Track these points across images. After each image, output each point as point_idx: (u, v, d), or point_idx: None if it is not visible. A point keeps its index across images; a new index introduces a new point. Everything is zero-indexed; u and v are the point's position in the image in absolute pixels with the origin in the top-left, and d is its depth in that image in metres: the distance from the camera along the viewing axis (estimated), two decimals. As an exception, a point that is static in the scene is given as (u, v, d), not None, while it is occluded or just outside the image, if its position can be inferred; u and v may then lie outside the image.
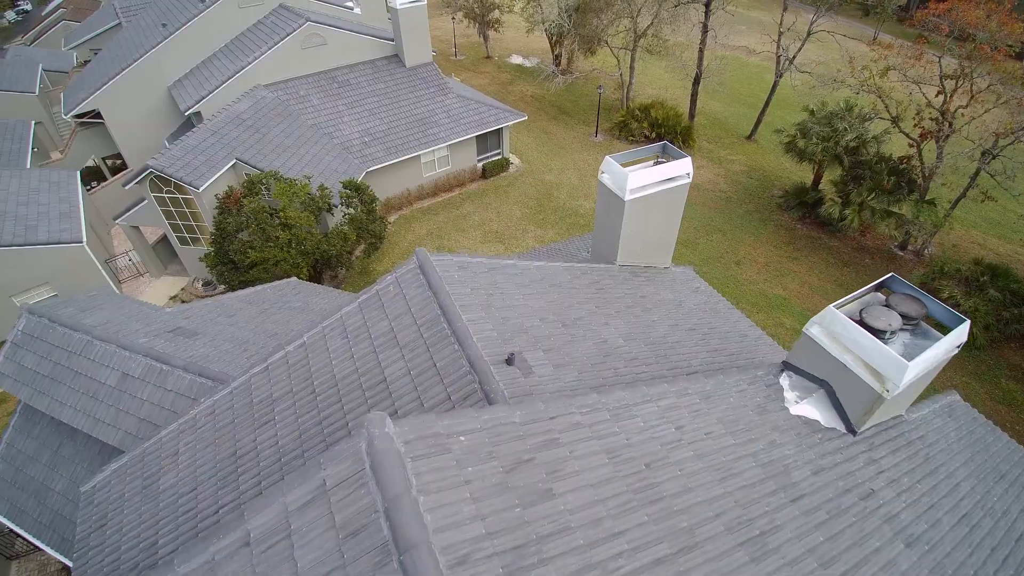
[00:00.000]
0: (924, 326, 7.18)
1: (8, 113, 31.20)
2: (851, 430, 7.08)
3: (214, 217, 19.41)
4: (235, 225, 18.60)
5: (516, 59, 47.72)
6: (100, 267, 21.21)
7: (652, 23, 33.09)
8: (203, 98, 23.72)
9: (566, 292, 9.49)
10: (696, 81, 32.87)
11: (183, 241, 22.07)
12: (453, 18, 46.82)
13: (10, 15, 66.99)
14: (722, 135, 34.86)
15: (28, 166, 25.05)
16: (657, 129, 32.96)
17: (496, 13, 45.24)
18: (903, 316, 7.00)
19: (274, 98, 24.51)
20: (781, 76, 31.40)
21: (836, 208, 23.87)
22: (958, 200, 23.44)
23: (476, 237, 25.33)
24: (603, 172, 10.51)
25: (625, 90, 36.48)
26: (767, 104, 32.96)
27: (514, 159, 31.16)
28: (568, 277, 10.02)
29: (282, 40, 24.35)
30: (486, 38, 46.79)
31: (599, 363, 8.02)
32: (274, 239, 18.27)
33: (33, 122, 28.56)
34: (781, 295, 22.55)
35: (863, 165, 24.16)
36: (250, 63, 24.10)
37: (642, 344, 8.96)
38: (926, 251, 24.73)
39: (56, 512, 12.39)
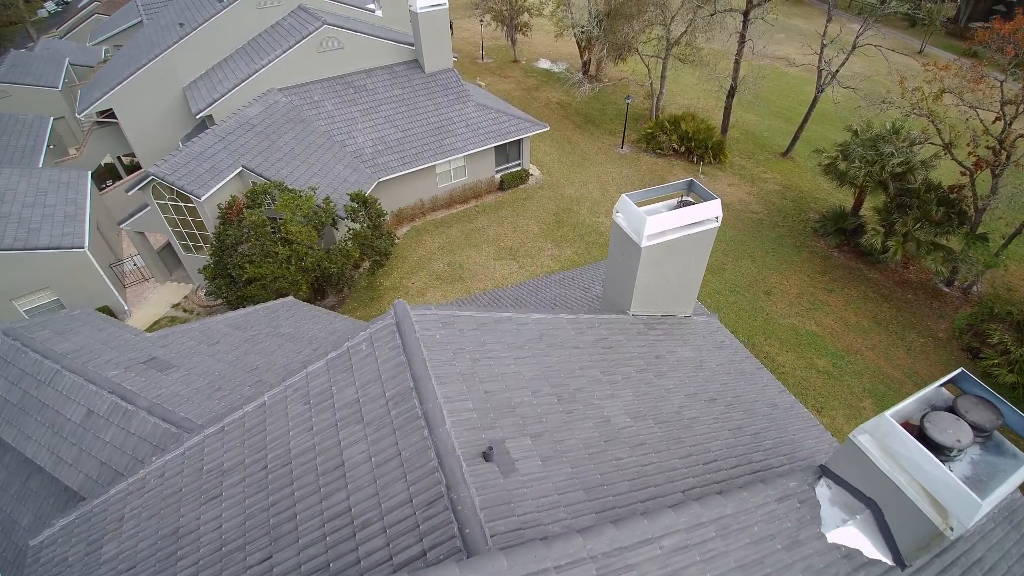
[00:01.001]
0: (997, 437, 5.80)
1: (31, 107, 31.24)
2: (900, 563, 5.74)
3: (215, 228, 18.66)
4: (235, 238, 17.81)
5: (544, 63, 46.48)
6: (102, 273, 20.69)
7: (686, 31, 31.56)
8: (215, 101, 23.08)
9: (567, 353, 8.30)
10: (731, 94, 31.22)
11: (187, 249, 21.45)
12: (481, 20, 45.79)
13: (50, 6, 68.24)
14: (756, 151, 33.11)
15: (41, 164, 24.77)
16: (687, 143, 31.41)
17: (525, 16, 44.07)
18: (973, 427, 5.64)
19: (287, 103, 23.75)
20: (822, 90, 29.56)
21: (878, 238, 22.10)
22: (1013, 236, 21.50)
23: (489, 253, 24.20)
24: (618, 212, 9.27)
25: (655, 100, 34.97)
26: (806, 119, 31.11)
27: (534, 170, 29.96)
28: (572, 333, 8.82)
29: (297, 43, 23.58)
30: (514, 41, 45.66)
31: (598, 452, 6.81)
32: (273, 254, 17.43)
33: (52, 118, 28.41)
34: (814, 331, 20.91)
35: (910, 193, 22.34)
36: (263, 67, 23.38)
37: (652, 423, 7.72)
38: (974, 289, 22.78)
39: (21, 549, 11.65)
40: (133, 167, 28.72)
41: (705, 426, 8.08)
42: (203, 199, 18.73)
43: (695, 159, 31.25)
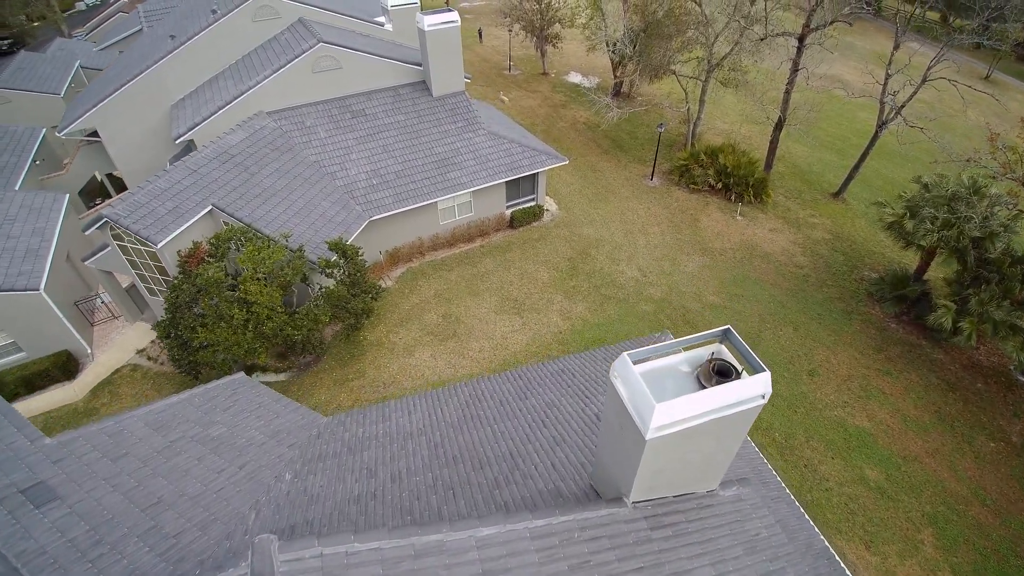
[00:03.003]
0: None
1: (31, 114, 29.95)
2: None
3: (171, 280, 16.49)
4: (188, 295, 15.58)
5: (574, 77, 43.42)
6: (60, 316, 18.79)
7: (730, 53, 28.13)
8: (195, 126, 20.96)
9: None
10: (778, 127, 27.67)
11: (152, 292, 19.40)
12: (510, 30, 42.98)
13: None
14: (803, 189, 29.46)
15: (20, 184, 23.16)
16: (725, 178, 28.04)
17: (557, 27, 41.07)
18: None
19: (275, 128, 21.50)
20: (884, 126, 25.79)
21: (949, 317, 18.53)
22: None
23: (491, 304, 21.51)
24: (616, 376, 6.44)
25: (691, 126, 31.62)
26: (863, 157, 27.33)
27: (550, 204, 27.09)
28: (535, 562, 6.06)
29: (289, 63, 21.28)
30: (543, 53, 42.71)
31: None
32: (228, 318, 15.12)
33: (44, 130, 26.86)
34: (865, 428, 17.55)
35: (989, 264, 18.70)
36: (250, 88, 21.15)
37: None
38: (1064, 383, 19.00)
39: None
40: (122, 187, 27.01)
41: None
42: (159, 246, 16.56)
43: (733, 197, 27.86)
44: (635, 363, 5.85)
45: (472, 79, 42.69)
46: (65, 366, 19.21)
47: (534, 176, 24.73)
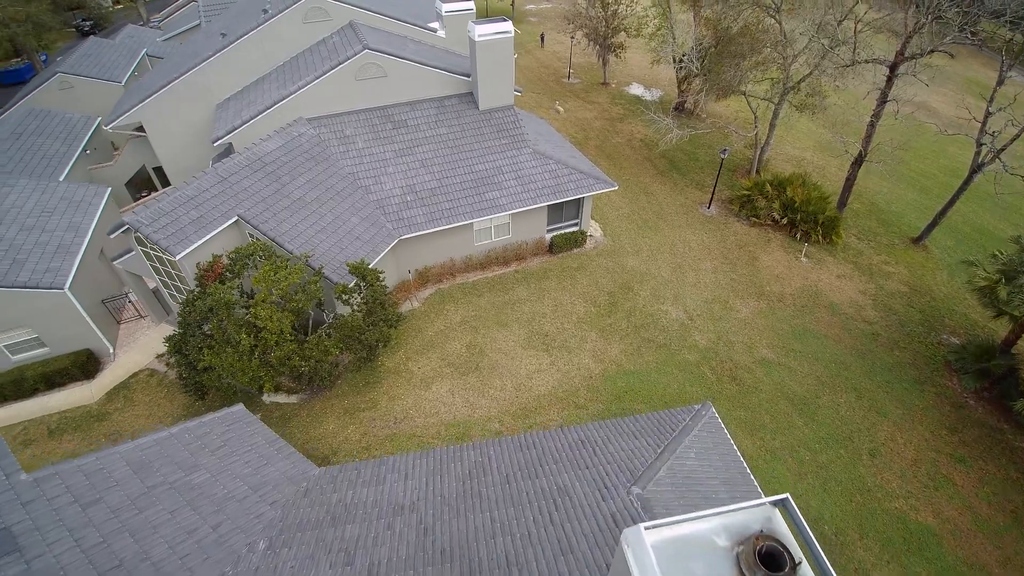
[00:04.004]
0: None
1: (91, 102, 30.49)
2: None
3: (187, 294, 15.91)
4: (199, 313, 14.90)
5: (636, 89, 41.33)
6: (84, 315, 18.66)
7: (809, 75, 25.62)
8: (234, 129, 20.48)
9: None
10: (857, 162, 24.96)
11: (174, 298, 19.02)
12: (572, 37, 41.28)
13: (170, -16, 70.70)
14: (879, 231, 26.60)
15: (65, 175, 23.38)
16: (791, 213, 25.58)
17: (622, 36, 39.09)
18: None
19: (313, 136, 20.76)
20: (980, 169, 22.77)
21: (1044, 406, 15.87)
22: None
23: (519, 337, 20.12)
24: (627, 546, 4.90)
25: (758, 151, 29.20)
26: (952, 202, 24.28)
27: (595, 229, 25.41)
28: None
29: (332, 69, 20.47)
30: (605, 62, 40.82)
31: None
32: (235, 342, 14.34)
33: (98, 120, 27.22)
34: (929, 526, 15.19)
35: (1104, 348, 15.90)
36: (292, 93, 20.48)
37: None
38: None
39: None
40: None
41: None
42: (178, 257, 16.00)
43: (798, 235, 25.38)
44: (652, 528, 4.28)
45: (527, 87, 41.38)
46: (85, 365, 19.11)
47: (579, 200, 23.13)
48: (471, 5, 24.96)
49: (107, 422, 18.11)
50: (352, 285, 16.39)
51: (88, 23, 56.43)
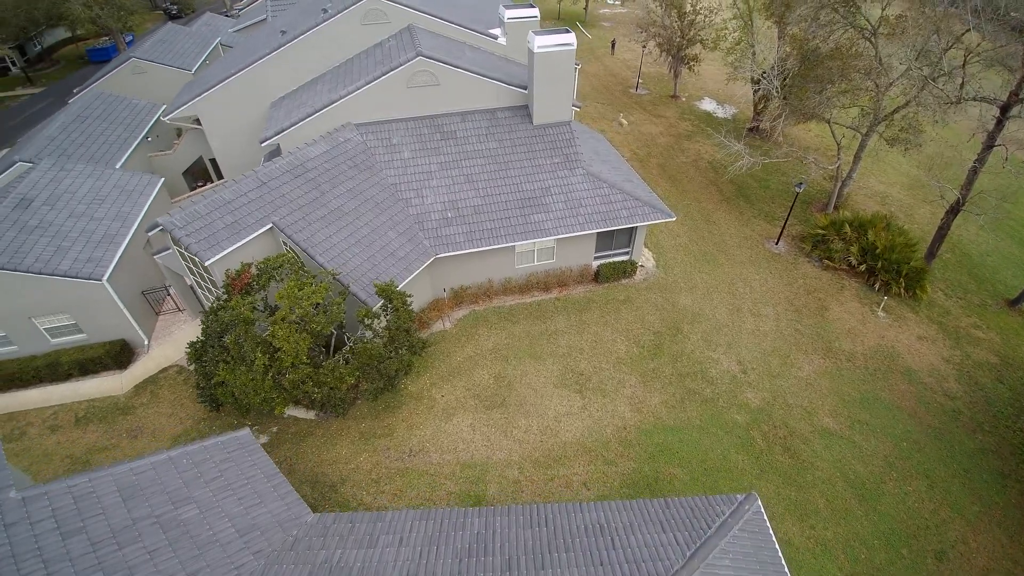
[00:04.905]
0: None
1: (162, 88, 31.19)
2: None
3: (213, 301, 15.50)
4: (220, 324, 14.42)
5: (708, 104, 38.93)
6: (121, 306, 18.73)
7: (904, 107, 22.95)
8: (282, 131, 20.09)
9: None
10: (954, 210, 22.09)
11: (207, 297, 18.79)
12: (644, 46, 39.29)
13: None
14: (970, 286, 23.58)
15: (123, 162, 23.77)
16: (871, 260, 22.98)
17: (697, 48, 36.82)
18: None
19: (359, 143, 20.10)
20: (1108, 231, 19.60)
21: None
22: None
23: (552, 373, 18.79)
24: None
25: (838, 185, 26.59)
26: (1067, 263, 21.15)
27: (647, 259, 23.68)
28: None
29: (384, 75, 19.71)
30: (677, 74, 38.62)
31: None
32: (249, 361, 13.73)
33: (162, 107, 27.72)
34: (1010, 661, 12.89)
35: None
36: (341, 98, 19.87)
37: None
38: None
39: None
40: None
41: None
42: (208, 263, 15.61)
43: (877, 285, 22.78)
44: None
45: (591, 96, 39.74)
46: (119, 356, 19.21)
47: (632, 228, 21.50)
48: (535, 12, 23.68)
49: (131, 416, 18.09)
50: (377, 307, 15.52)
51: (175, 7, 58.82)
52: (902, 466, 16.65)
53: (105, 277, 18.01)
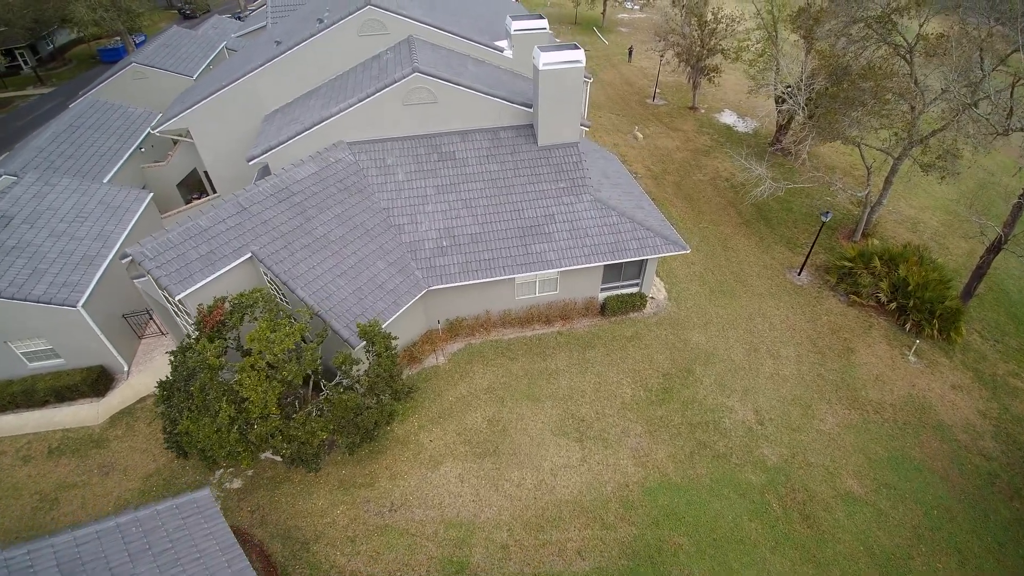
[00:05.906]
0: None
1: (162, 94, 30.36)
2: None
3: (183, 339, 14.40)
4: (187, 370, 13.30)
5: (728, 117, 37.17)
6: (98, 332, 17.79)
7: (941, 130, 21.18)
8: (270, 149, 18.98)
9: None
10: (994, 248, 20.27)
11: (186, 325, 17.74)
12: (661, 56, 37.64)
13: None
14: (1008, 328, 21.71)
15: (111, 175, 22.84)
16: (902, 298, 21.22)
17: (718, 59, 35.08)
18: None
19: (350, 164, 18.91)
20: None
21: None
22: None
23: (550, 418, 17.42)
24: None
25: (867, 211, 24.82)
26: (1121, 309, 19.23)
27: (658, 289, 22.18)
28: None
29: (378, 92, 18.51)
30: (696, 85, 36.90)
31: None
32: (213, 411, 12.59)
33: (159, 116, 26.81)
34: None
35: None
36: (333, 115, 18.71)
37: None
38: None
39: None
40: (220, 182, 26.30)
41: None
42: (178, 297, 14.52)
43: (908, 325, 21.01)
44: None
45: (605, 106, 38.16)
46: (96, 383, 18.28)
47: (642, 259, 20.03)
48: (544, 23, 22.30)
49: (104, 450, 17.13)
50: (359, 349, 14.30)
51: (189, 7, 58.34)
52: (931, 538, 15.00)
53: (80, 303, 17.05)
